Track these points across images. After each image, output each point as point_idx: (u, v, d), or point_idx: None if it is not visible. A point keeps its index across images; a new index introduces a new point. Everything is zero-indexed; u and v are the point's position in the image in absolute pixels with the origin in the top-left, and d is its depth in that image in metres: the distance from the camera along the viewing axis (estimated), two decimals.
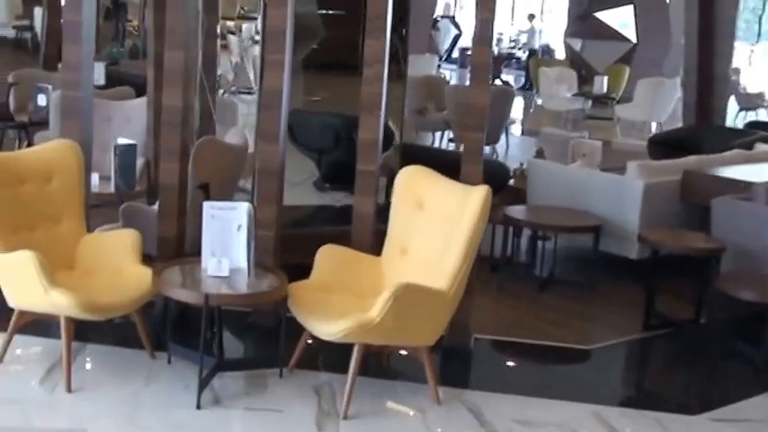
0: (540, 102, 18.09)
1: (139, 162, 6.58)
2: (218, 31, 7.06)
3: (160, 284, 4.66)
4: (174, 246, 5.36)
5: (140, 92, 8.91)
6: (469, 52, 6.87)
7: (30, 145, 9.93)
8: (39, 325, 5.00)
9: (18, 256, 4.58)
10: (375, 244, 5.32)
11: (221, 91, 9.34)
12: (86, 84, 5.40)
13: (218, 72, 7.62)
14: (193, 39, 5.49)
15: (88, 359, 5.09)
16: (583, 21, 20.33)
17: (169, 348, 5.03)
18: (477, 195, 4.84)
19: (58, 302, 4.51)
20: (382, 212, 5.37)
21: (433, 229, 5.02)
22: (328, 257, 5.11)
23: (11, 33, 17.84)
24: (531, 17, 26.23)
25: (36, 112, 9.85)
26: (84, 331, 5.09)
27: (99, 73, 13.12)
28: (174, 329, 5.04)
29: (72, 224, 5.16)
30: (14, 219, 4.92)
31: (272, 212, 5.32)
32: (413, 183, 5.18)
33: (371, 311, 4.51)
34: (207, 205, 4.81)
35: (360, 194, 5.37)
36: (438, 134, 13.59)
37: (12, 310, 4.84)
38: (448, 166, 5.37)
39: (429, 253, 4.98)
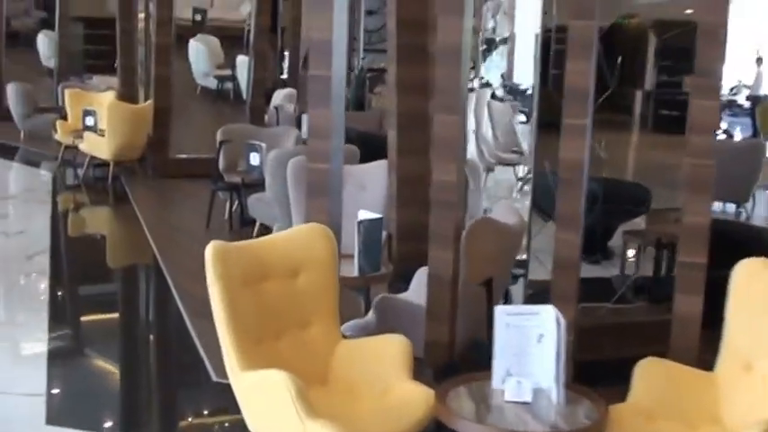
0: None
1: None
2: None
3: (447, 414, 3.61)
4: (447, 351, 4.34)
5: (361, 148, 8.11)
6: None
7: (242, 209, 9.22)
8: None
9: (269, 378, 3.61)
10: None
11: None
12: (337, 154, 4.48)
13: None
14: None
15: None
16: None
17: None
18: None
19: None
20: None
21: None
22: (649, 374, 3.97)
23: (212, 83, 17.38)
24: (759, 61, 24.30)
25: (248, 172, 9.13)
26: None
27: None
28: None
29: (324, 328, 4.17)
30: (258, 325, 3.95)
31: (569, 313, 4.22)
32: (758, 280, 3.99)
33: None
34: (500, 311, 3.76)
35: (683, 292, 4.23)
36: None
37: None
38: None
39: None
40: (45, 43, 20.40)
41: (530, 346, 3.72)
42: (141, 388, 5.75)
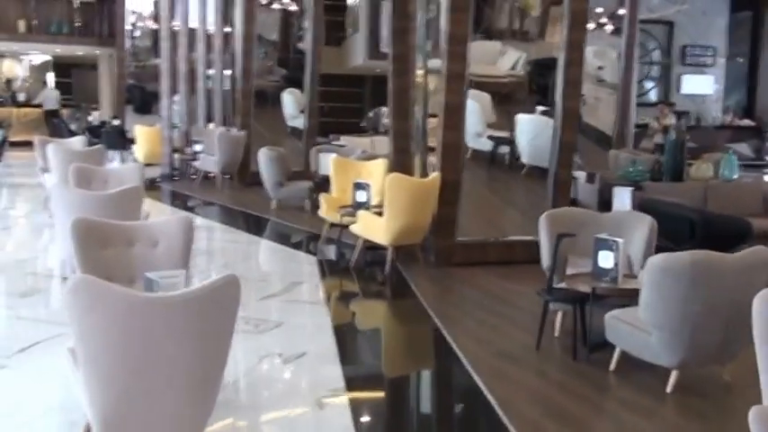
0: None
1: None
2: None
3: None
4: None
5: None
6: None
7: (586, 327, 6.80)
8: None
9: None
10: None
11: None
12: None
13: None
14: None
15: None
16: None
17: None
18: None
19: None
20: None
21: None
22: None
23: (485, 146, 14.93)
24: None
25: (598, 277, 6.71)
26: None
27: (623, 201, 10.12)
28: None
29: None
30: None
31: None
32: None
33: None
34: None
35: None
36: None
37: None
38: None
39: None
40: (290, 102, 18.87)
41: None
42: None
